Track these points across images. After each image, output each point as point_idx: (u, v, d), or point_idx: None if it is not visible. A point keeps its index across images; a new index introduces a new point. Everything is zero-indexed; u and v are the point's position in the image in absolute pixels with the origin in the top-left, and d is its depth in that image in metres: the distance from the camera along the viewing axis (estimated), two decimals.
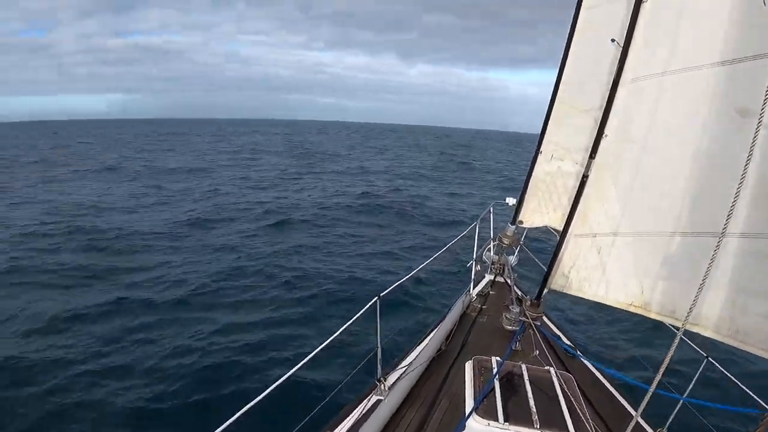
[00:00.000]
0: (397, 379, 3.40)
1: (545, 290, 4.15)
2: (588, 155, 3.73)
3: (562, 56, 3.98)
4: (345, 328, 3.16)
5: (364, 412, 3.15)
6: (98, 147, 55.18)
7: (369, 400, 3.27)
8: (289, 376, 2.66)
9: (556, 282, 3.97)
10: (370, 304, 3.46)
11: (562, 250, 3.96)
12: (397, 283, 4.08)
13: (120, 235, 14.29)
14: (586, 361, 4.00)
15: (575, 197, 3.89)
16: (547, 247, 7.61)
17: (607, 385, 3.76)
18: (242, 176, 28.79)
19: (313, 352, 2.86)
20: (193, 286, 10.00)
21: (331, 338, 2.99)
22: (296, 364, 2.81)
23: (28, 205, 19.04)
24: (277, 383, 2.58)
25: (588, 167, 3.78)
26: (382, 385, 3.37)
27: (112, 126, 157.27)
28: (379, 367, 3.44)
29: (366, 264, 11.88)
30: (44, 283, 10.23)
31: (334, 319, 8.36)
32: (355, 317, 3.36)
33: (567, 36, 3.91)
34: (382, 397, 3.22)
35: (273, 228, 15.48)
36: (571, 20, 3.83)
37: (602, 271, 3.53)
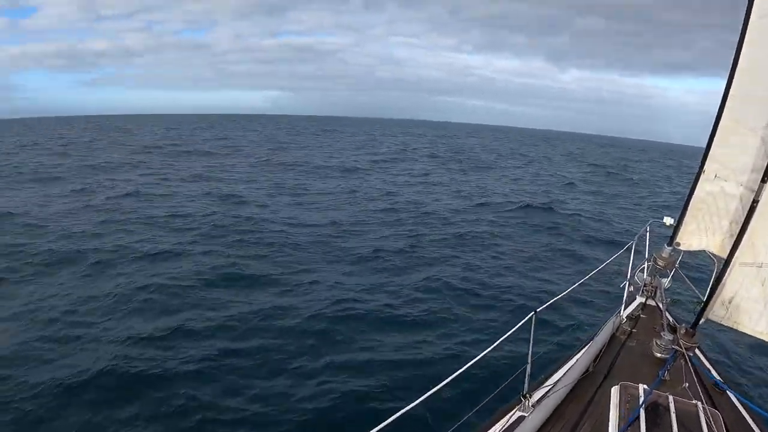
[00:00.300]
0: (541, 397, 3.34)
1: (702, 319, 3.86)
2: (754, 177, 3.42)
3: (730, 68, 3.70)
4: (499, 343, 3.16)
5: (505, 427, 3.13)
6: (252, 141, 55.95)
7: (512, 415, 3.25)
8: (438, 389, 2.66)
9: (714, 312, 3.67)
10: (525, 319, 3.40)
11: (724, 278, 3.66)
12: (552, 300, 4.00)
13: (255, 237, 13.83)
14: (735, 399, 3.61)
15: (743, 223, 3.57)
16: (697, 273, 6.81)
17: (755, 427, 3.37)
18: (391, 180, 27.60)
19: (466, 366, 2.90)
20: (324, 303, 9.24)
21: (485, 352, 3.03)
22: (448, 377, 2.78)
23: (176, 197, 19.51)
24: (427, 394, 2.64)
25: (759, 191, 3.46)
26: (527, 402, 3.31)
27: (267, 121, 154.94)
28: (526, 382, 3.38)
29: (517, 285, 11.02)
30: (166, 284, 9.85)
31: (480, 343, 7.85)
32: (510, 331, 3.29)
33: (735, 47, 3.63)
34: (525, 414, 3.18)
35: (418, 240, 14.49)
36: (740, 30, 3.56)
37: (764, 304, 3.21)
